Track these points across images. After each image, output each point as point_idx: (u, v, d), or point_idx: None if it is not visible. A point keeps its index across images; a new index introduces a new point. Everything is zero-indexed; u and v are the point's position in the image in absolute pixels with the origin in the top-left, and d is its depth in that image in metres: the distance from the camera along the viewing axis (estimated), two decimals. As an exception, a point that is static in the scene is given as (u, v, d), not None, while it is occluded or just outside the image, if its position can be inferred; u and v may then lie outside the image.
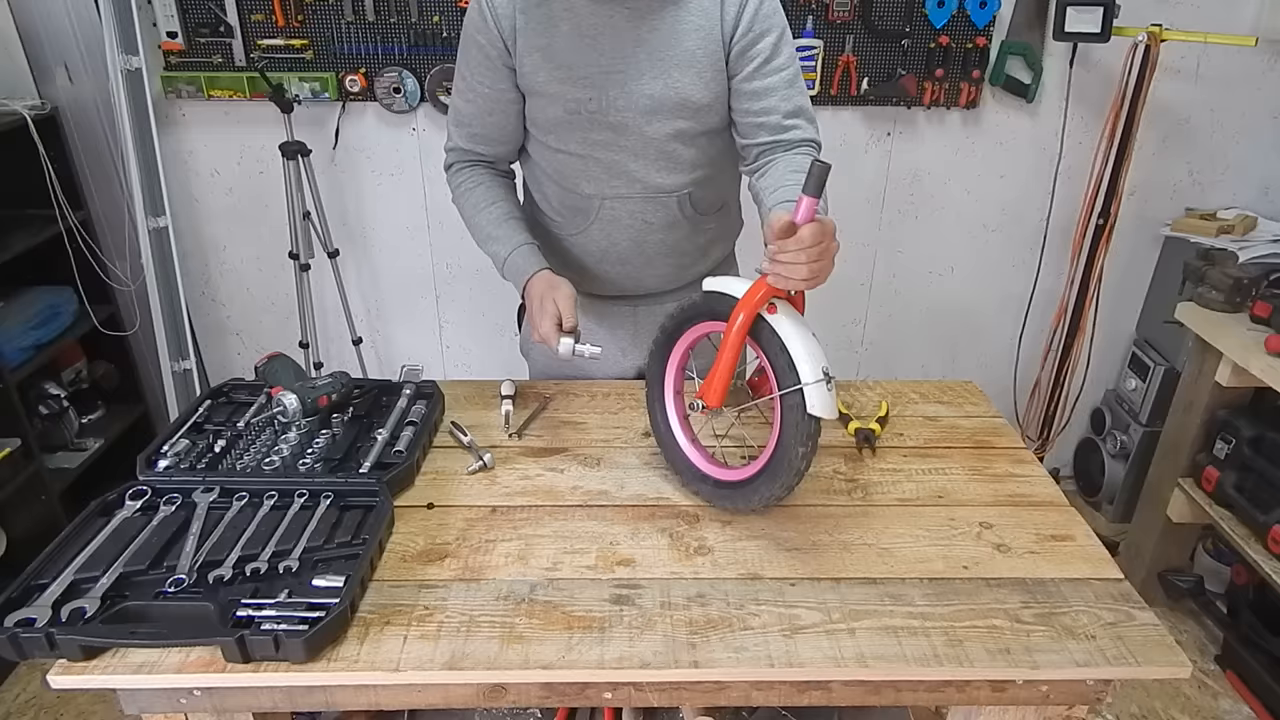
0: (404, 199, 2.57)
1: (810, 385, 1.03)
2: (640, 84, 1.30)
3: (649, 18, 1.28)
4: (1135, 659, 0.94)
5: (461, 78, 1.38)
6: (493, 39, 1.31)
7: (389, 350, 2.84)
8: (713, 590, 1.04)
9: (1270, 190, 2.56)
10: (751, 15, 1.29)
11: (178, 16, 2.28)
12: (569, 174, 1.40)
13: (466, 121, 1.41)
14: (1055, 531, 1.15)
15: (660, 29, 1.29)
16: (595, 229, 1.43)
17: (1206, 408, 2.16)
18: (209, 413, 1.36)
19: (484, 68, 1.34)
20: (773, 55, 1.31)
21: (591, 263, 1.48)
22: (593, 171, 1.38)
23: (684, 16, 1.29)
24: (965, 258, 2.69)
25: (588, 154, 1.36)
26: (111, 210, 2.48)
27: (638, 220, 1.41)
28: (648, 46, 1.29)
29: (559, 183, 1.42)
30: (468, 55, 1.35)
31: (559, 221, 1.47)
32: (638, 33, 1.29)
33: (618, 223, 1.41)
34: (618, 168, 1.36)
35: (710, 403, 1.13)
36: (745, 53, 1.31)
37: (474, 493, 1.23)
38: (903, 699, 1.01)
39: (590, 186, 1.39)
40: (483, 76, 1.34)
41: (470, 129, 1.42)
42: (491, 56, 1.32)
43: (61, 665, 0.92)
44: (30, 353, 2.21)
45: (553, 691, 0.98)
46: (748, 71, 1.31)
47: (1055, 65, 2.39)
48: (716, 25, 1.30)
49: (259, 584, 1.01)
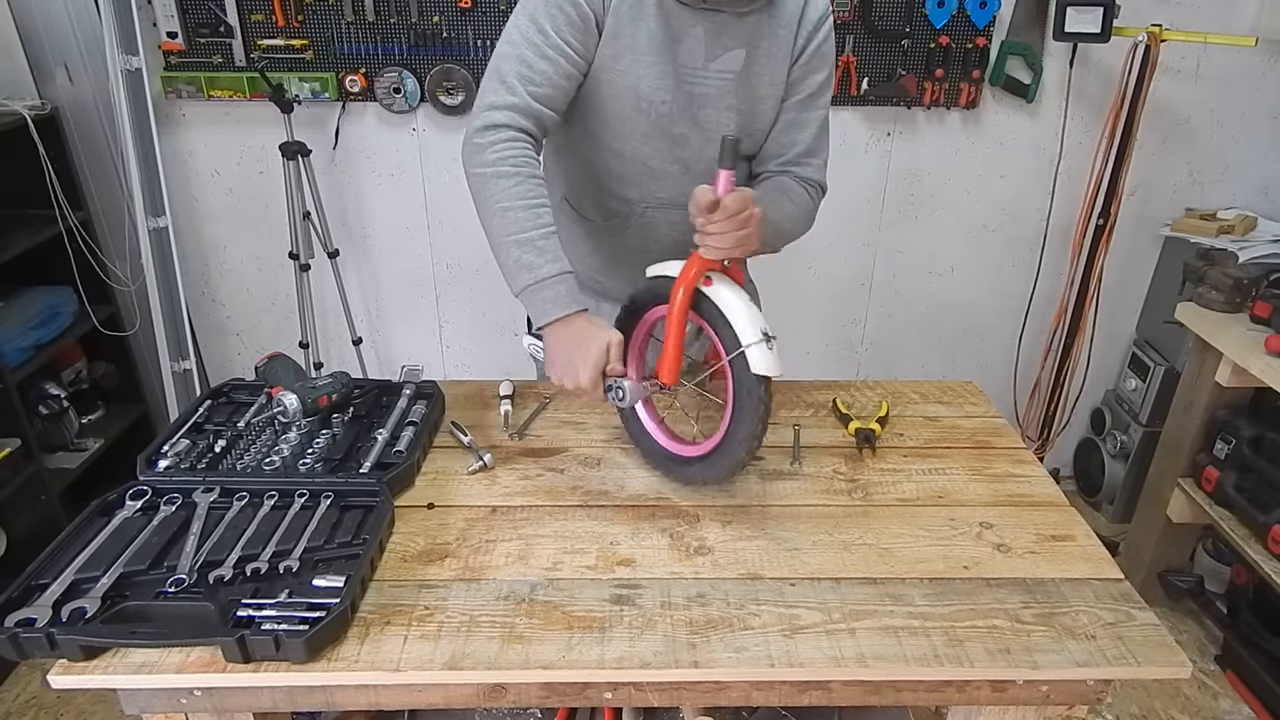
0: (404, 199, 2.57)
1: (751, 346, 1.07)
2: (707, 100, 1.29)
3: (726, 35, 1.27)
4: (1135, 659, 0.94)
5: (541, 32, 1.20)
6: (595, 3, 1.21)
7: (389, 350, 2.84)
8: (713, 590, 1.04)
9: (1270, 190, 2.56)
10: (815, 48, 1.31)
11: (178, 16, 2.28)
12: (616, 177, 1.37)
13: (537, 80, 1.21)
14: (1055, 531, 1.15)
15: (736, 49, 1.27)
16: (632, 232, 1.42)
17: (1206, 408, 2.16)
18: (209, 413, 1.36)
19: (577, 28, 1.21)
20: (819, 93, 1.34)
21: (622, 263, 1.46)
22: (642, 179, 1.35)
23: (760, 43, 1.28)
24: (965, 258, 2.69)
25: (640, 160, 1.34)
26: (111, 210, 2.48)
27: (676, 231, 1.39)
28: (721, 63, 1.28)
29: (603, 185, 1.39)
30: (554, 9, 1.21)
31: (592, 220, 1.45)
32: (714, 48, 1.27)
33: (655, 230, 1.40)
34: (668, 179, 1.35)
35: (664, 380, 1.17)
36: (798, 82, 1.33)
37: (474, 493, 1.23)
38: (903, 699, 1.01)
39: (635, 192, 1.37)
40: (572, 36, 1.21)
41: (540, 89, 1.21)
42: (587, 17, 1.21)
43: (61, 665, 0.92)
44: (30, 353, 2.21)
45: (553, 691, 0.98)
46: (791, 100, 1.34)
47: (1055, 65, 2.39)
48: (788, 53, 1.30)
49: (259, 584, 1.01)
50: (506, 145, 1.19)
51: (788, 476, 1.27)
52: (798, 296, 2.71)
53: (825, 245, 2.63)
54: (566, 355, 1.14)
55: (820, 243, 2.62)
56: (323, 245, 2.48)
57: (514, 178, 1.18)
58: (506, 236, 1.17)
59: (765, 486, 1.25)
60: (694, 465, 1.21)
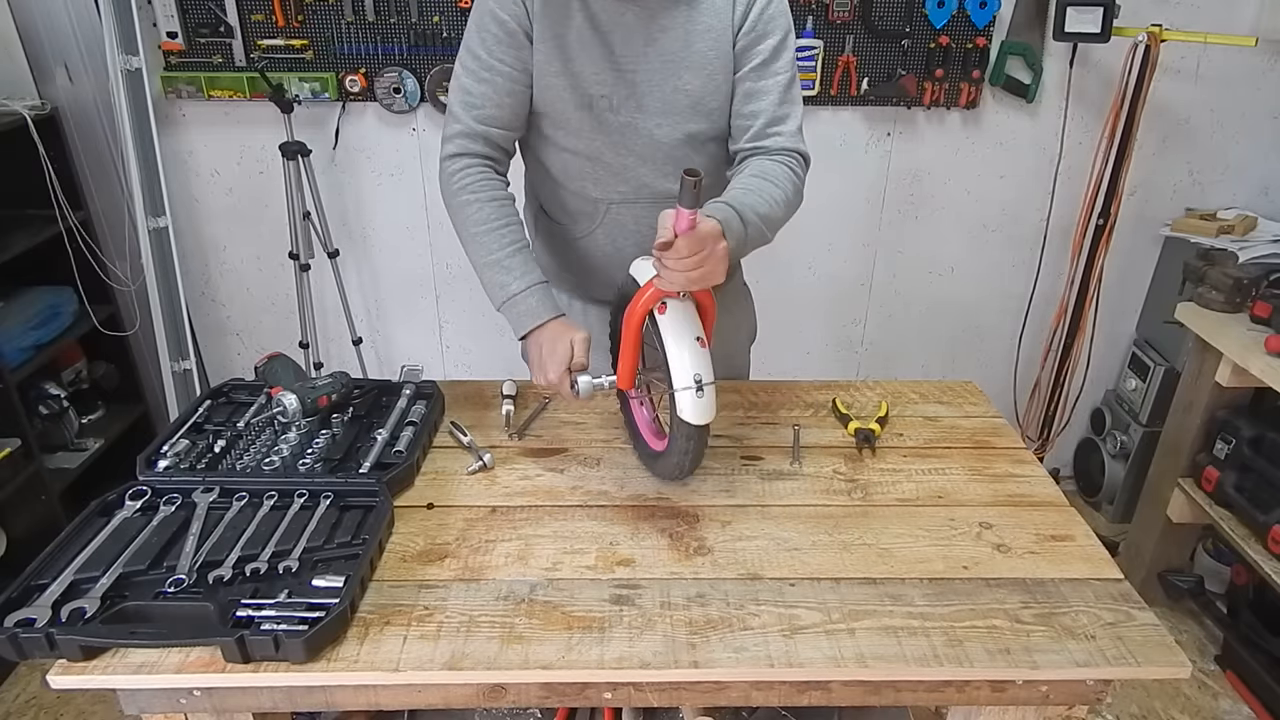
0: (404, 199, 2.57)
1: (679, 391, 1.09)
2: (651, 85, 1.29)
3: (660, 17, 1.27)
4: (1135, 659, 0.94)
5: (474, 57, 1.28)
6: (518, 14, 1.25)
7: (389, 350, 2.84)
8: (713, 590, 1.04)
9: (1270, 190, 2.56)
10: (758, 14, 1.28)
11: (178, 16, 2.28)
12: (575, 176, 1.38)
13: (479, 104, 1.30)
14: (1055, 531, 1.15)
15: (672, 29, 1.27)
16: (600, 233, 1.42)
17: (1206, 408, 2.16)
18: (209, 413, 1.36)
19: (505, 44, 1.27)
20: (772, 58, 1.30)
21: (596, 265, 1.46)
22: (599, 175, 1.36)
23: (696, 17, 1.28)
24: (965, 258, 2.69)
25: (595, 156, 1.34)
26: (111, 210, 2.48)
27: (644, 226, 1.38)
28: (659, 46, 1.28)
29: (565, 185, 1.40)
30: (485, 32, 1.27)
31: (563, 224, 1.46)
32: (649, 32, 1.27)
33: (623, 228, 1.40)
34: (626, 172, 1.35)
35: (620, 384, 1.22)
36: (746, 51, 1.30)
37: (474, 493, 1.23)
38: (903, 699, 1.01)
39: (596, 190, 1.38)
40: (503, 53, 1.27)
41: (483, 111, 1.30)
42: (513, 32, 1.26)
43: (61, 665, 0.92)
44: (30, 353, 2.21)
45: (552, 691, 0.98)
46: (744, 71, 1.30)
47: (1055, 65, 2.39)
48: (728, 25, 1.29)
49: (259, 584, 1.01)
50: (463, 173, 1.30)
51: (787, 476, 1.27)
52: (798, 296, 2.71)
53: (825, 245, 2.63)
54: (540, 356, 1.24)
55: (820, 243, 2.62)
56: (323, 245, 2.48)
57: (475, 204, 1.29)
58: (479, 260, 1.30)
59: (765, 486, 1.25)
60: (651, 457, 1.26)
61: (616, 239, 1.42)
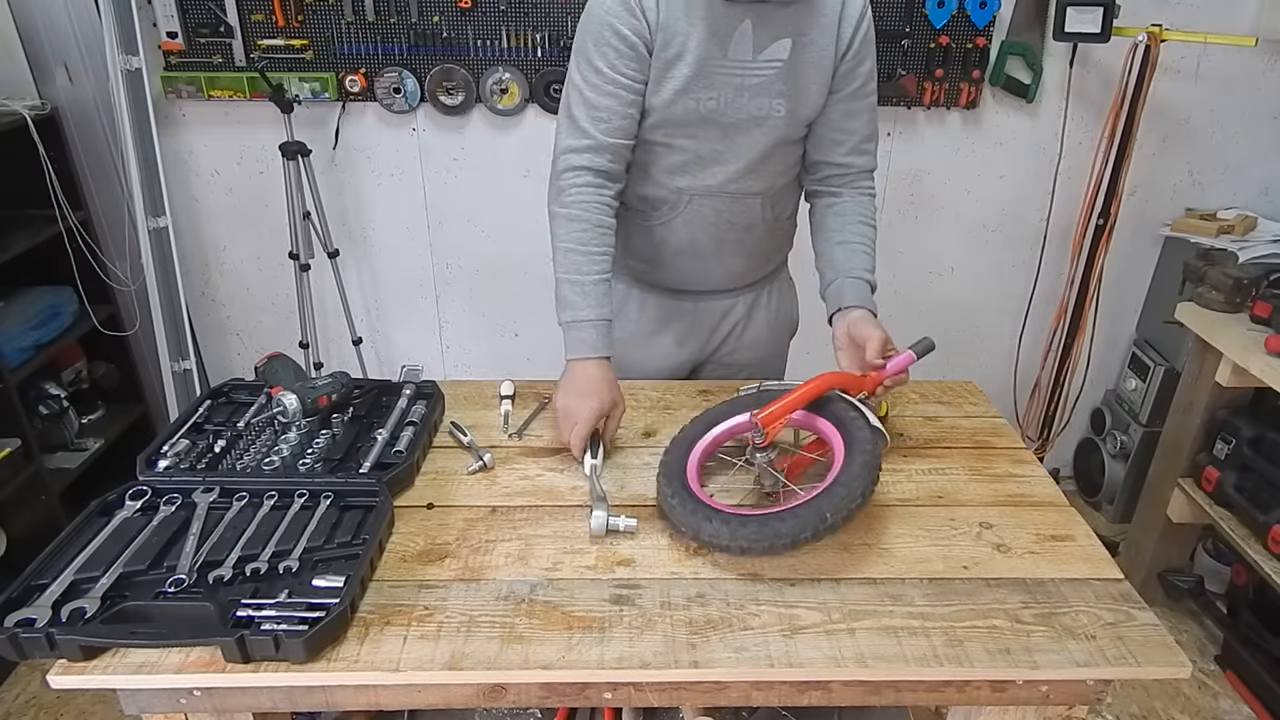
0: (404, 199, 2.57)
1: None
2: (756, 92, 1.33)
3: (773, 27, 1.30)
4: (1135, 659, 0.94)
5: (596, 71, 1.30)
6: (640, 28, 1.27)
7: (389, 350, 2.84)
8: (713, 590, 1.04)
9: (1270, 190, 2.56)
10: (862, 39, 1.35)
11: (178, 16, 2.28)
12: (665, 167, 1.41)
13: (605, 117, 1.31)
14: (1055, 531, 1.15)
15: (781, 39, 1.31)
16: (679, 222, 1.45)
17: (1206, 408, 2.16)
18: (209, 413, 1.36)
19: (628, 58, 1.29)
20: (867, 81, 1.39)
21: (668, 254, 1.50)
22: (690, 167, 1.40)
23: (805, 31, 1.32)
24: (965, 258, 2.69)
25: (692, 150, 1.38)
26: (111, 210, 2.48)
27: (722, 219, 1.44)
28: (768, 55, 1.31)
29: (650, 173, 1.42)
30: (605, 46, 1.28)
31: (641, 210, 1.48)
32: (759, 40, 1.30)
33: (702, 218, 1.44)
34: (716, 166, 1.39)
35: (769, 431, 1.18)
36: (849, 74, 1.37)
37: (474, 493, 1.23)
38: (903, 699, 1.01)
39: (683, 180, 1.41)
40: (625, 67, 1.29)
41: (610, 124, 1.31)
42: (634, 45, 1.28)
43: (61, 665, 0.92)
44: (30, 353, 2.21)
45: (553, 692, 0.98)
46: (845, 93, 1.38)
47: (1055, 65, 2.39)
48: (832, 41, 1.33)
49: (259, 584, 1.01)
50: (581, 190, 1.32)
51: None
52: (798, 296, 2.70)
53: (825, 245, 2.62)
54: (573, 397, 1.27)
55: (820, 243, 2.61)
56: (323, 245, 2.48)
57: (581, 223, 1.32)
58: (563, 273, 1.33)
59: (765, 486, 1.25)
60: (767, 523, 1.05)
61: (694, 228, 1.45)
